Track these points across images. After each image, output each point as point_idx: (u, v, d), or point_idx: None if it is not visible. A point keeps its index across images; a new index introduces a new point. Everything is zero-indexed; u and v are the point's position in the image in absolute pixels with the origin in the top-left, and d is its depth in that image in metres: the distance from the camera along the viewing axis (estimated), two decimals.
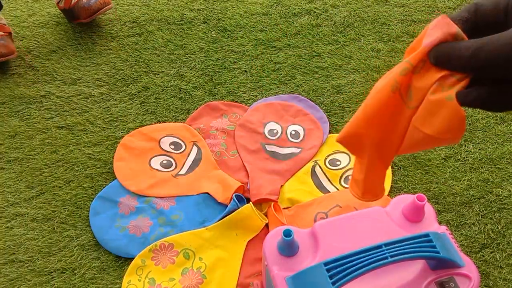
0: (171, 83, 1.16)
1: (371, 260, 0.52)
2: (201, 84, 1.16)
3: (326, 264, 0.53)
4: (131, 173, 0.98)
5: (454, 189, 0.96)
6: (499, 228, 0.91)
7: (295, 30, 1.30)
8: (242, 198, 0.94)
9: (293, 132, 1.06)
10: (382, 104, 0.37)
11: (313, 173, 0.99)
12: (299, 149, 1.03)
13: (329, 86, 1.16)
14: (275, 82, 1.17)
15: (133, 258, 0.86)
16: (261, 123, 1.07)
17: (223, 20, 1.32)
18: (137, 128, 1.06)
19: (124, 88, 1.15)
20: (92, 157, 1.02)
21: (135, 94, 1.14)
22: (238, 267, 0.86)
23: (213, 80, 1.17)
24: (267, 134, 1.06)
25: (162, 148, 1.03)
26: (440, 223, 0.79)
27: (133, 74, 1.18)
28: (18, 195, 0.95)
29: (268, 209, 0.92)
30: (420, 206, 0.69)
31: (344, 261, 0.53)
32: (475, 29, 0.35)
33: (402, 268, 0.63)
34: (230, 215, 0.90)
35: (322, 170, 0.99)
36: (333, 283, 0.51)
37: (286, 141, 1.04)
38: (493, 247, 0.88)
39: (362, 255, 0.54)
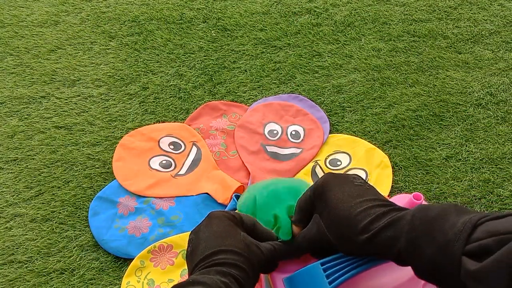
0: (171, 83, 1.16)
1: (368, 259, 0.52)
2: (200, 84, 1.16)
3: (322, 263, 0.52)
4: (130, 173, 0.98)
5: (455, 189, 0.96)
6: None
7: (295, 29, 1.29)
8: None
9: (293, 132, 1.06)
10: None
11: (314, 173, 0.99)
12: (300, 150, 1.02)
13: (329, 85, 1.15)
14: (275, 81, 1.17)
15: (133, 259, 0.86)
16: (261, 124, 1.07)
17: (222, 19, 1.32)
18: (136, 128, 1.06)
19: (123, 88, 1.15)
20: (91, 157, 1.01)
21: (134, 94, 1.14)
22: None
23: (213, 79, 1.17)
24: (267, 135, 1.05)
25: (161, 148, 1.03)
26: None
27: (132, 73, 1.18)
28: (17, 196, 0.95)
29: None
30: (417, 204, 0.68)
31: (341, 260, 0.52)
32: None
33: (399, 267, 0.62)
34: None
35: (322, 170, 0.99)
36: (330, 283, 0.50)
37: (286, 141, 1.04)
38: None
39: None
